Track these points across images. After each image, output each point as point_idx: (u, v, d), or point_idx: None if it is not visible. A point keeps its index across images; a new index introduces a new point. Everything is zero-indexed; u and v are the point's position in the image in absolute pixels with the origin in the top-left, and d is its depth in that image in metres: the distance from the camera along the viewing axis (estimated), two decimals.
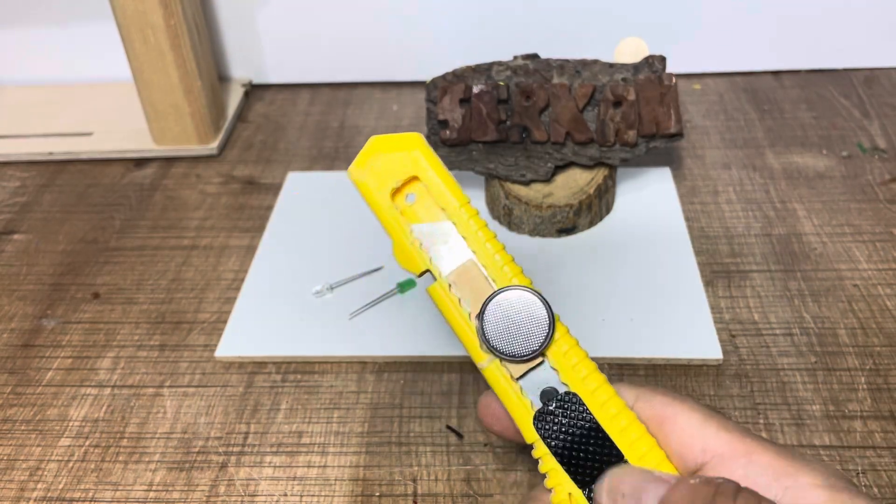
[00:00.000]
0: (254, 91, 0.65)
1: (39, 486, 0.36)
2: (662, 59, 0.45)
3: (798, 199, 0.50)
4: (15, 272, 0.48)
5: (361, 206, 0.51)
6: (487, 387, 0.25)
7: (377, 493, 0.35)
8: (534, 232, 0.47)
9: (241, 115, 0.62)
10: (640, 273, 0.44)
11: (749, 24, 0.61)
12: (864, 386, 0.38)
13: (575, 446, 0.23)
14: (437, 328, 0.41)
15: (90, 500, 0.35)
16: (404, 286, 0.43)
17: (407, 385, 0.39)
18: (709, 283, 0.44)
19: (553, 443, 0.23)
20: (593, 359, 0.41)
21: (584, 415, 0.23)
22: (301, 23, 0.62)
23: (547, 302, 0.24)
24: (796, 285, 0.44)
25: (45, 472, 0.36)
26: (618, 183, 0.50)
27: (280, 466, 0.36)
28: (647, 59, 0.45)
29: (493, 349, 0.23)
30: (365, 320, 0.42)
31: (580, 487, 0.23)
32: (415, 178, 0.25)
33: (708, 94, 0.61)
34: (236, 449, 0.37)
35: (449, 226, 0.25)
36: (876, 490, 0.33)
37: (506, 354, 0.23)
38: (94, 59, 0.64)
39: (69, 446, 0.37)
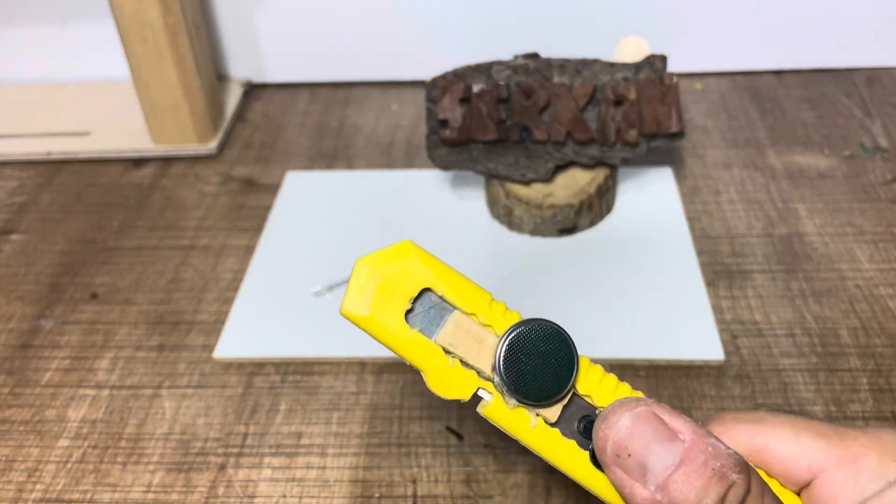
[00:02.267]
0: (253, 90, 0.65)
1: (38, 487, 0.35)
2: (663, 59, 0.45)
3: (800, 199, 0.50)
4: (13, 272, 0.48)
5: (361, 206, 0.51)
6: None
7: (377, 495, 0.34)
8: (534, 232, 0.46)
9: (239, 115, 0.62)
10: (641, 273, 0.44)
11: (750, 23, 0.60)
12: (866, 387, 0.38)
13: None
14: None
15: (89, 502, 0.35)
16: None
17: (407, 386, 0.39)
18: (710, 284, 0.44)
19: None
20: (593, 359, 0.40)
21: None
22: (300, 22, 0.62)
23: (561, 328, 0.22)
24: (798, 285, 0.43)
25: (44, 474, 0.36)
26: (619, 183, 0.50)
27: (279, 468, 0.36)
28: (648, 58, 0.45)
29: (521, 401, 0.21)
30: None
31: None
32: (426, 290, 0.22)
33: (709, 94, 0.61)
34: (235, 450, 0.37)
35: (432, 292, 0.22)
36: None
37: (536, 402, 0.21)
38: (92, 58, 0.64)
39: (67, 447, 0.37)
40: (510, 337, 0.21)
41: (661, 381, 0.39)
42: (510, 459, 0.35)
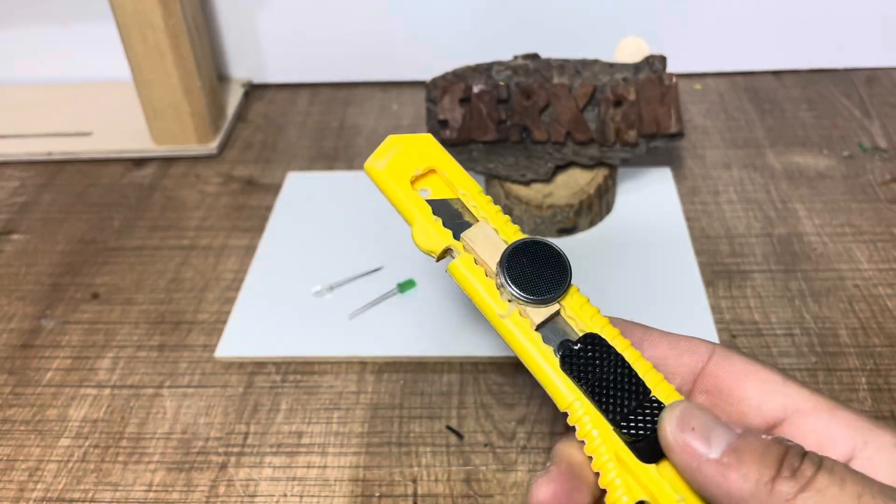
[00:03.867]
0: (253, 91, 0.65)
1: (39, 486, 0.36)
2: (663, 59, 0.45)
3: (799, 199, 0.50)
4: (14, 272, 0.48)
5: (361, 206, 0.51)
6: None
7: (377, 494, 0.35)
8: (534, 232, 0.47)
9: (240, 115, 0.62)
10: (641, 273, 0.44)
11: (750, 23, 0.61)
12: (865, 386, 0.38)
13: (604, 384, 0.23)
14: (438, 328, 0.41)
15: (90, 501, 0.35)
16: (404, 286, 0.43)
17: (407, 385, 0.39)
18: (709, 283, 0.44)
19: (583, 383, 0.23)
20: None
21: (610, 352, 0.23)
22: (301, 22, 0.62)
23: (561, 250, 0.25)
24: (797, 285, 0.43)
25: (45, 473, 0.36)
26: (618, 183, 0.50)
27: (280, 467, 0.36)
28: (647, 58, 0.45)
29: (514, 295, 0.24)
30: (365, 320, 0.42)
31: (614, 426, 0.22)
32: (431, 171, 0.26)
33: (708, 94, 0.61)
34: (236, 449, 0.37)
35: (462, 203, 0.26)
36: None
37: (530, 297, 0.24)
38: (93, 58, 0.64)
39: (68, 447, 0.37)
40: (517, 243, 0.25)
41: None
42: (510, 459, 0.36)
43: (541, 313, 0.24)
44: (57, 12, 0.62)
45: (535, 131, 0.45)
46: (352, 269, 0.45)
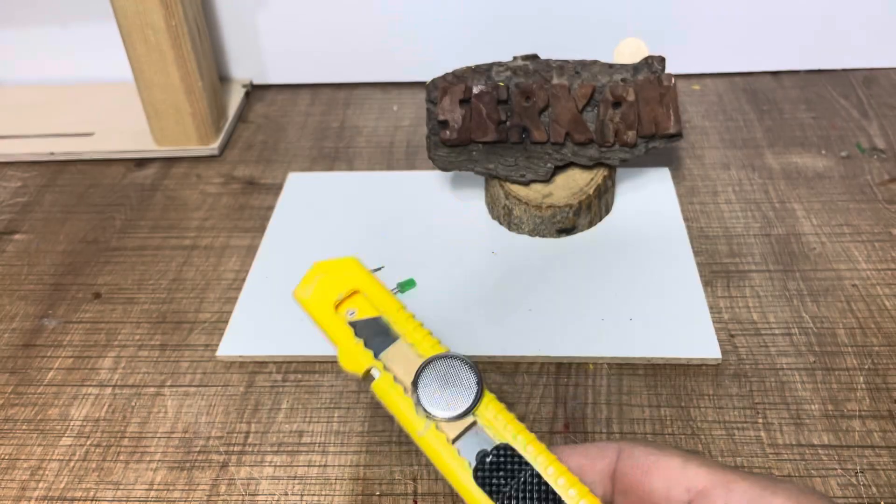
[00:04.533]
0: (254, 91, 0.65)
1: (41, 485, 0.36)
2: (662, 60, 0.46)
3: (797, 200, 0.50)
4: (16, 272, 0.48)
5: (362, 206, 0.51)
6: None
7: (377, 493, 0.35)
8: (534, 232, 0.47)
9: (241, 116, 0.62)
10: (640, 273, 0.44)
11: (748, 24, 0.61)
12: (863, 385, 0.38)
13: (516, 495, 0.23)
14: (437, 328, 0.41)
15: (91, 500, 0.35)
16: (404, 286, 0.44)
17: None
18: (708, 283, 0.44)
19: (495, 495, 0.23)
20: (593, 358, 0.41)
21: (522, 462, 0.24)
22: (302, 23, 0.62)
23: (473, 364, 0.26)
24: (795, 285, 0.44)
25: (47, 472, 0.36)
26: (617, 183, 0.50)
27: (280, 466, 0.36)
28: (646, 59, 0.46)
29: (427, 413, 0.25)
30: None
31: None
32: (356, 293, 0.28)
33: (707, 95, 0.61)
34: (237, 448, 0.37)
35: (384, 320, 0.27)
36: (874, 489, 0.34)
37: (441, 415, 0.25)
38: (95, 59, 0.64)
39: (70, 446, 0.37)
40: (428, 361, 0.26)
41: (659, 379, 0.39)
42: None
43: (455, 427, 0.25)
44: (59, 13, 0.62)
45: (534, 132, 0.46)
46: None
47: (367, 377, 0.27)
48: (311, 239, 0.48)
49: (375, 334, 0.27)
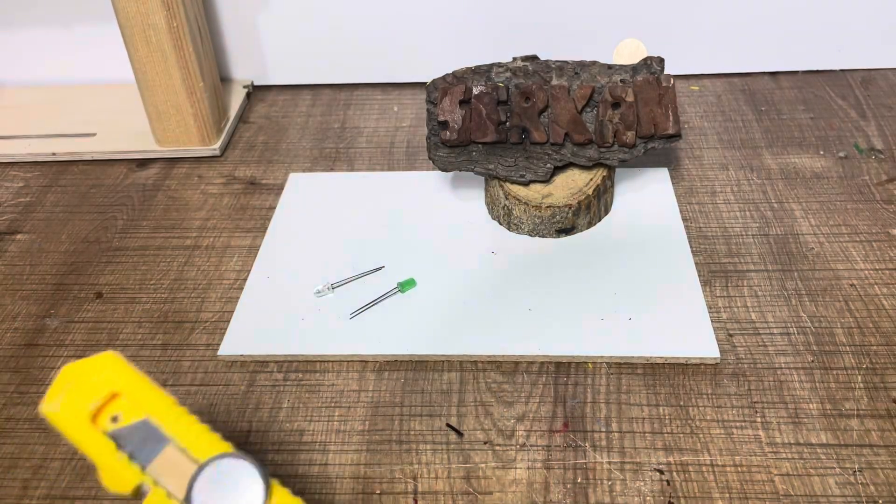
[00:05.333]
0: (255, 92, 0.65)
1: (42, 484, 0.36)
2: (661, 61, 0.46)
3: (795, 200, 0.50)
4: (18, 272, 0.48)
5: (363, 206, 0.51)
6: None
7: (378, 491, 0.35)
8: (533, 232, 0.47)
9: (242, 116, 0.62)
10: (639, 273, 0.44)
11: (746, 25, 0.61)
12: (861, 385, 0.38)
13: None
14: (438, 327, 0.42)
15: (93, 499, 0.35)
16: (405, 286, 0.44)
17: (407, 384, 0.40)
18: (706, 283, 0.44)
19: None
20: (592, 358, 0.41)
21: None
22: (302, 24, 0.62)
23: (258, 462, 0.22)
24: (793, 285, 0.44)
25: (49, 471, 0.37)
26: (616, 183, 0.51)
27: (282, 464, 0.36)
28: (645, 60, 0.46)
29: None
30: (365, 320, 0.42)
31: None
32: (115, 396, 0.24)
33: (706, 95, 0.61)
34: (238, 447, 0.37)
35: (152, 422, 0.24)
36: (872, 488, 0.34)
37: None
38: (97, 60, 0.64)
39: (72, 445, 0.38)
40: (201, 468, 0.22)
41: (658, 378, 0.39)
42: (509, 456, 0.36)
43: None
44: (61, 15, 0.62)
45: (534, 132, 0.46)
46: (353, 269, 0.45)
47: (138, 494, 0.23)
48: (311, 239, 0.48)
49: (144, 441, 0.23)
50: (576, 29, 0.61)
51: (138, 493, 0.23)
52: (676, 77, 0.59)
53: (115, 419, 0.24)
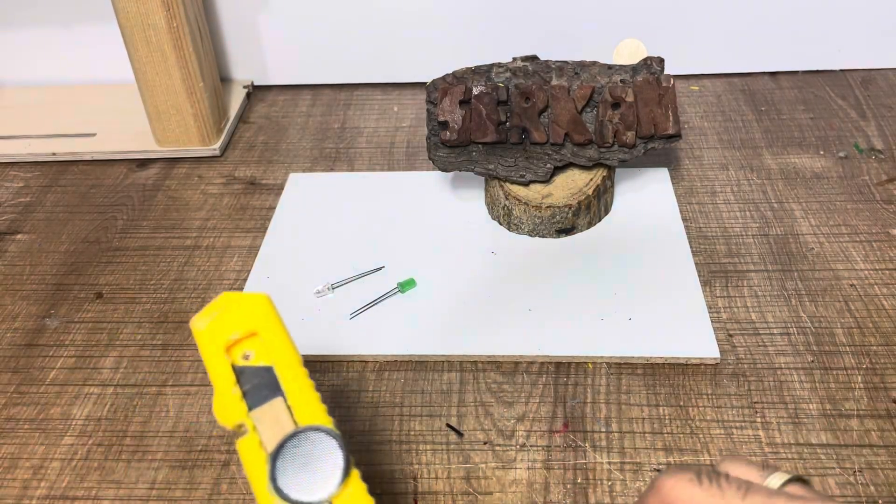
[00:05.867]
0: (255, 92, 0.65)
1: (43, 484, 0.36)
2: (660, 61, 0.46)
3: (795, 200, 0.50)
4: (18, 272, 0.48)
5: (363, 206, 0.51)
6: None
7: (378, 492, 0.35)
8: (533, 232, 0.47)
9: (242, 117, 0.62)
10: (639, 273, 0.44)
11: (746, 25, 0.61)
12: (861, 385, 0.38)
13: None
14: (438, 327, 0.42)
15: (93, 499, 0.35)
16: (405, 286, 0.44)
17: (407, 384, 0.40)
18: (706, 283, 0.44)
19: None
20: (592, 358, 0.41)
21: None
22: (302, 24, 0.62)
23: (345, 444, 0.23)
24: (793, 285, 0.44)
25: (49, 471, 0.37)
26: (616, 183, 0.51)
27: None
28: (645, 60, 0.46)
29: (279, 491, 0.22)
30: (365, 320, 0.42)
31: None
32: (254, 335, 0.25)
33: (706, 96, 0.61)
34: None
35: (275, 372, 0.24)
36: (872, 488, 0.34)
37: (291, 499, 0.22)
38: (97, 60, 0.64)
39: (72, 445, 0.38)
40: (291, 435, 0.23)
41: (658, 378, 0.39)
42: (509, 456, 0.36)
43: None
44: (61, 15, 0.62)
45: (534, 132, 0.46)
46: (353, 269, 0.45)
47: (240, 430, 0.24)
48: (311, 239, 0.48)
49: (261, 385, 0.24)
50: (576, 29, 0.61)
51: (238, 431, 0.24)
52: (676, 77, 0.59)
53: (246, 356, 0.25)
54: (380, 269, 0.45)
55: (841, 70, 0.63)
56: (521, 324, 0.41)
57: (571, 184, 0.47)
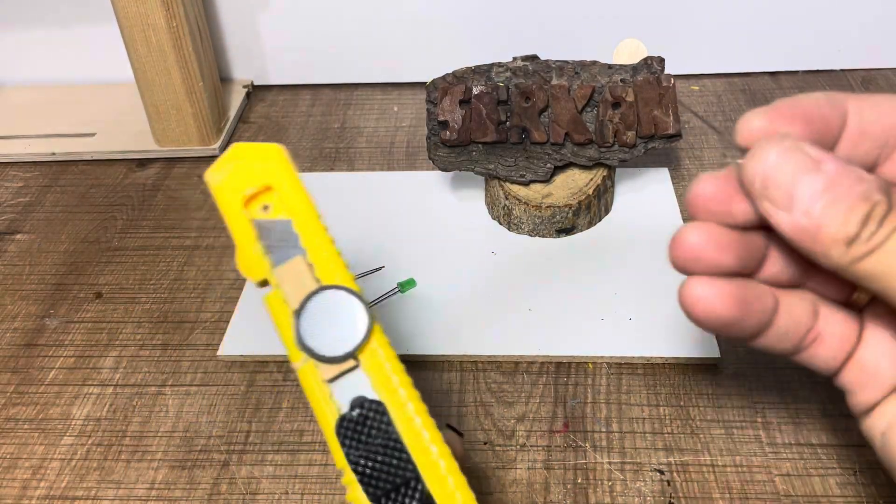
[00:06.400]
0: (255, 92, 0.65)
1: (42, 484, 0.36)
2: (661, 61, 0.46)
3: None
4: (17, 272, 0.48)
5: (362, 206, 0.51)
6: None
7: None
8: (533, 232, 0.47)
9: (242, 116, 0.62)
10: (639, 273, 0.44)
11: (746, 24, 0.61)
12: None
13: (371, 458, 0.22)
14: (437, 327, 0.42)
15: (93, 499, 0.35)
16: (405, 286, 0.44)
17: None
18: None
19: (350, 451, 0.22)
20: (593, 358, 0.41)
21: (386, 426, 0.22)
22: (302, 24, 0.62)
23: (367, 304, 0.23)
24: None
25: (48, 471, 0.37)
26: (616, 183, 0.51)
27: (281, 465, 0.36)
28: (645, 60, 0.46)
29: (305, 347, 0.22)
30: None
31: (372, 503, 0.22)
32: (269, 188, 0.24)
33: (706, 95, 0.61)
34: (238, 447, 0.37)
35: (294, 227, 0.24)
36: (873, 489, 0.34)
37: (317, 354, 0.22)
38: (96, 59, 0.64)
39: (72, 445, 0.38)
40: (314, 292, 0.23)
41: (658, 378, 0.39)
42: (509, 456, 0.36)
43: (332, 369, 0.22)
44: (60, 14, 0.62)
45: (534, 132, 0.46)
46: (352, 269, 0.45)
47: (265, 285, 0.24)
48: None
49: (281, 241, 0.24)
50: (576, 29, 0.61)
51: (263, 284, 0.24)
52: (676, 77, 0.59)
53: (265, 208, 0.24)
54: (380, 269, 0.45)
55: (841, 70, 0.63)
56: (521, 324, 0.41)
57: (572, 183, 0.47)
